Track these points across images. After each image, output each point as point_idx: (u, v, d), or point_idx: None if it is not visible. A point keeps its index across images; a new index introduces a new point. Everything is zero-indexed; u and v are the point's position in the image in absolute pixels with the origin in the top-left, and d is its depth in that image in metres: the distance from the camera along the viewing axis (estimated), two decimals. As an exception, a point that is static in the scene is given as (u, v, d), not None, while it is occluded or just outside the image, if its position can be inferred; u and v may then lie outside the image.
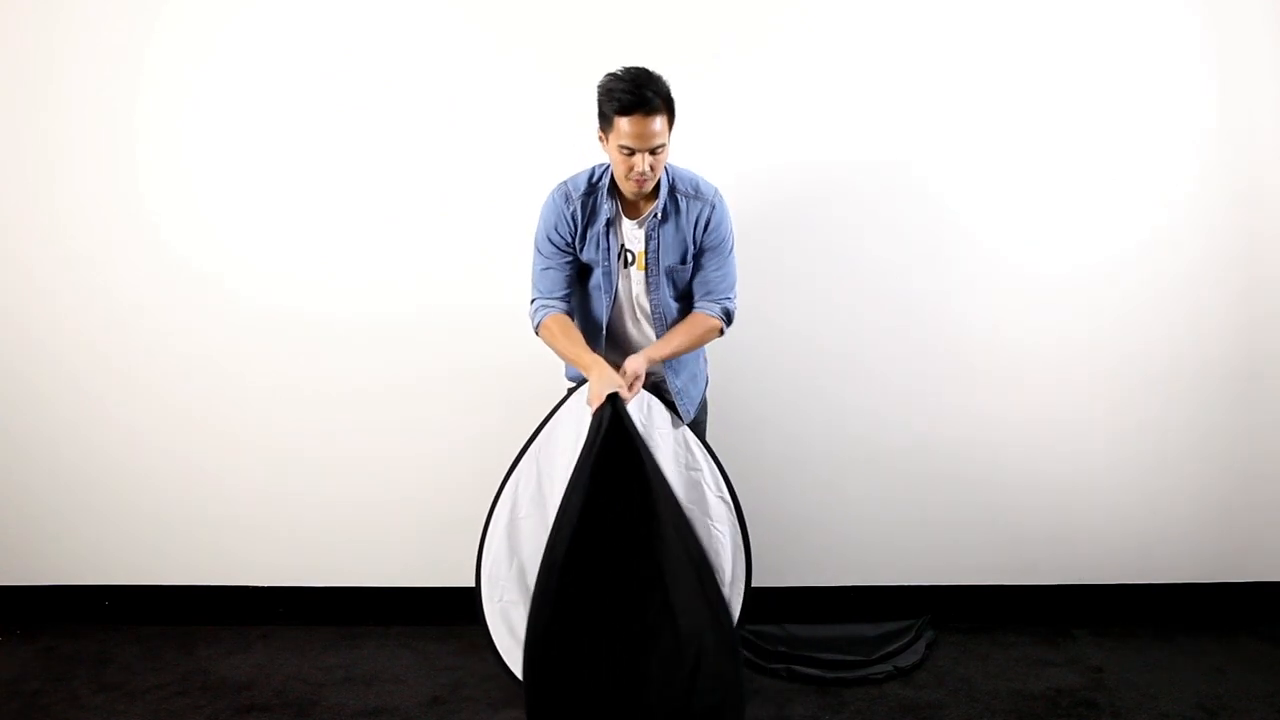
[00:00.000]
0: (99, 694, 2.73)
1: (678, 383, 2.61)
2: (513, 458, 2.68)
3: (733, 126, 2.95)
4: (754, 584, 3.08)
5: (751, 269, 2.71)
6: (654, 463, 2.30)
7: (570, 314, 2.55)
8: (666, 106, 2.37)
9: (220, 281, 3.05)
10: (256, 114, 2.99)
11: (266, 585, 3.15)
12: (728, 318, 2.58)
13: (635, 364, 2.47)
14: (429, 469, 3.07)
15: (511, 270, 2.99)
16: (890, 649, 2.84)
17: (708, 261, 2.55)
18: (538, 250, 2.55)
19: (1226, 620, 3.02)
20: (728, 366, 2.87)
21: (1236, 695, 2.62)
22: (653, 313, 2.56)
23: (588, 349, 2.49)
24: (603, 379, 2.39)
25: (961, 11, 2.91)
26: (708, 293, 2.57)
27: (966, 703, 2.63)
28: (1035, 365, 3.02)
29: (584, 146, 2.90)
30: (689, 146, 2.92)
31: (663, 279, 2.54)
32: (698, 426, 2.68)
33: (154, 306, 3.06)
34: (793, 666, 2.78)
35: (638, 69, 2.37)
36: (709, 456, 2.59)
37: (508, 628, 2.52)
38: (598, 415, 2.33)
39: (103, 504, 3.14)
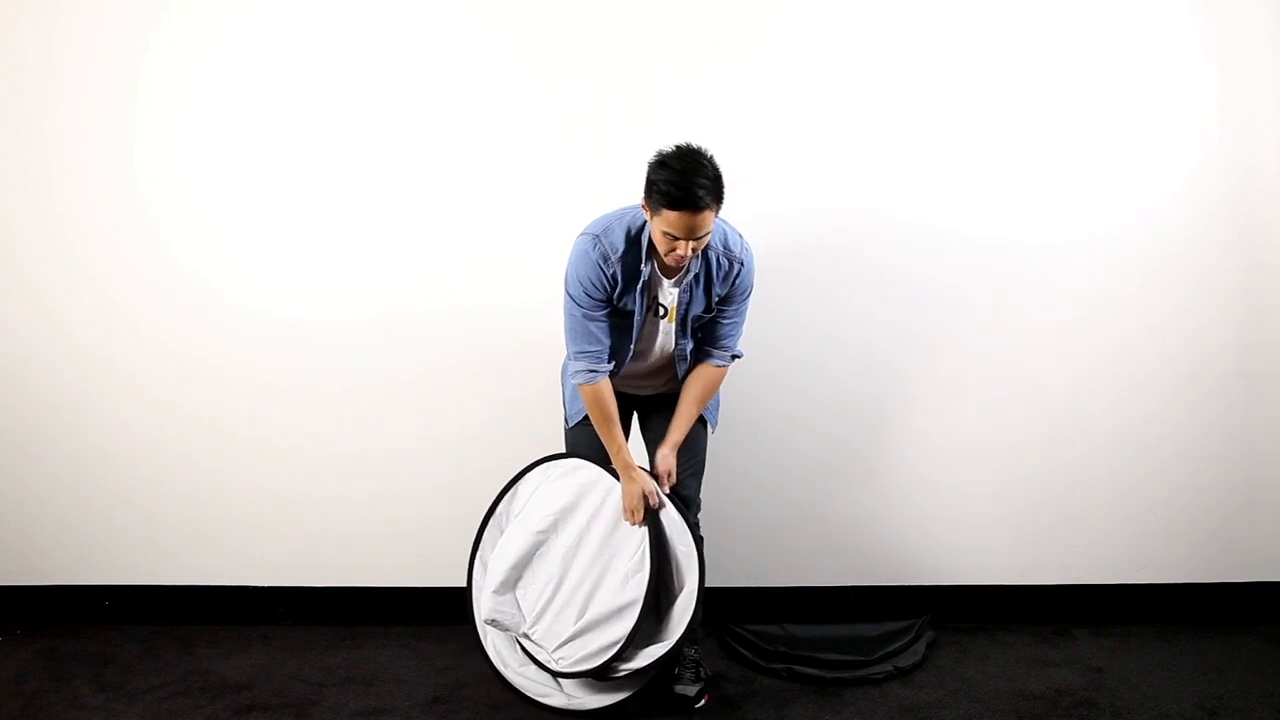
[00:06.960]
0: (99, 694, 2.73)
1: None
2: (513, 459, 2.70)
3: (733, 124, 2.95)
4: (754, 584, 3.09)
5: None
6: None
7: (611, 371, 2.53)
8: (715, 198, 2.27)
9: (219, 282, 3.05)
10: (256, 116, 2.99)
11: (266, 585, 3.14)
12: (734, 359, 2.61)
13: (667, 462, 2.56)
14: (429, 469, 3.07)
15: (513, 270, 2.99)
16: (890, 649, 2.83)
17: (726, 310, 2.54)
18: (574, 301, 2.45)
19: (1226, 620, 3.02)
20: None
21: (1236, 695, 2.62)
22: (674, 352, 2.58)
23: (620, 436, 2.52)
24: (632, 489, 2.49)
25: (959, 11, 2.91)
26: (721, 343, 2.58)
27: (966, 703, 2.62)
28: (1035, 365, 3.01)
29: (580, 151, 2.92)
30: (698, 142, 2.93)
31: (688, 326, 2.54)
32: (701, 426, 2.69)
33: (153, 307, 3.06)
34: (793, 666, 2.78)
35: (690, 155, 2.27)
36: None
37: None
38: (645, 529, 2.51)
39: (103, 504, 3.14)
